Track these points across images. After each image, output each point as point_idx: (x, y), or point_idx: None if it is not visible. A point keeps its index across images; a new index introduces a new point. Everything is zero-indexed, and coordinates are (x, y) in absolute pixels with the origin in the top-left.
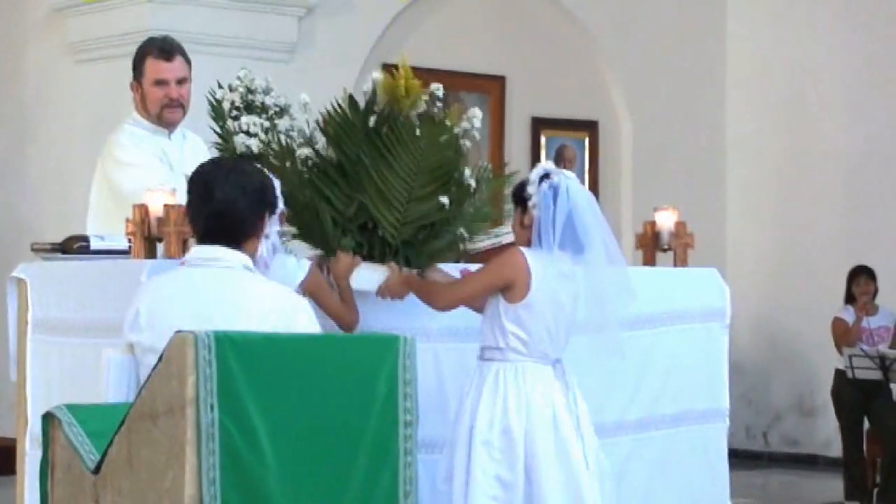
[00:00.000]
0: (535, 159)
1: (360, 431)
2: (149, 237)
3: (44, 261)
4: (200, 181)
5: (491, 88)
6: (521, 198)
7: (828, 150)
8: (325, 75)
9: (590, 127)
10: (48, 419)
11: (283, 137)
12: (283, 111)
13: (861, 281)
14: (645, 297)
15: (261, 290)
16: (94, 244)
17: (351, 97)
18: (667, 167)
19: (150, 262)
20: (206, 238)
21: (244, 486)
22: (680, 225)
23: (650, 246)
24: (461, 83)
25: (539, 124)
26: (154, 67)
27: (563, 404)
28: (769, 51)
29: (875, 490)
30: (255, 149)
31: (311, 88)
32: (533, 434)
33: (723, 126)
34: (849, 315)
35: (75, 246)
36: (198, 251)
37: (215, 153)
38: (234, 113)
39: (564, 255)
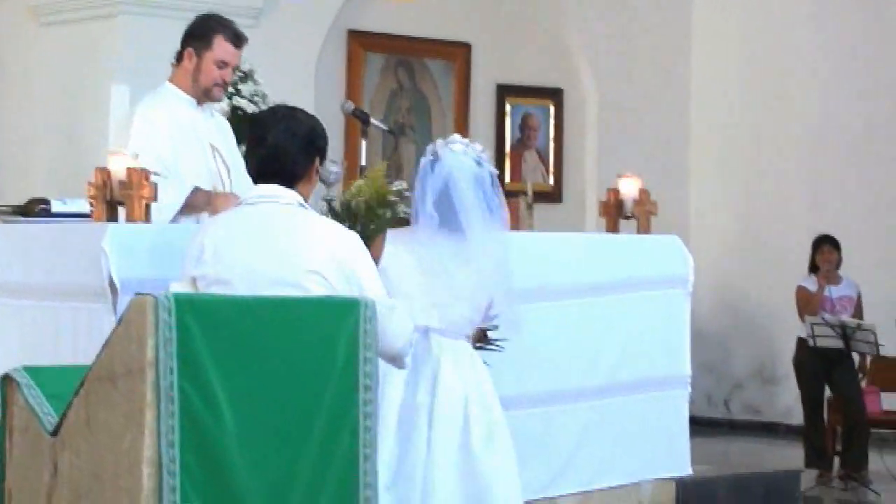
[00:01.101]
0: (500, 127)
1: (320, 395)
2: (110, 201)
3: (4, 224)
4: (256, 126)
5: (456, 55)
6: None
7: (792, 121)
8: (290, 41)
9: (555, 95)
10: (6, 381)
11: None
12: (247, 77)
13: (824, 250)
14: (606, 263)
15: (319, 223)
16: (56, 207)
17: None
18: (632, 135)
19: (111, 225)
20: (260, 179)
21: (203, 449)
22: (643, 192)
23: (613, 213)
24: (426, 50)
25: (504, 92)
26: (224, 48)
27: (399, 377)
28: (736, 21)
29: (835, 458)
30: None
31: (277, 54)
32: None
33: (688, 95)
34: (812, 284)
35: (36, 209)
36: (255, 190)
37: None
38: None
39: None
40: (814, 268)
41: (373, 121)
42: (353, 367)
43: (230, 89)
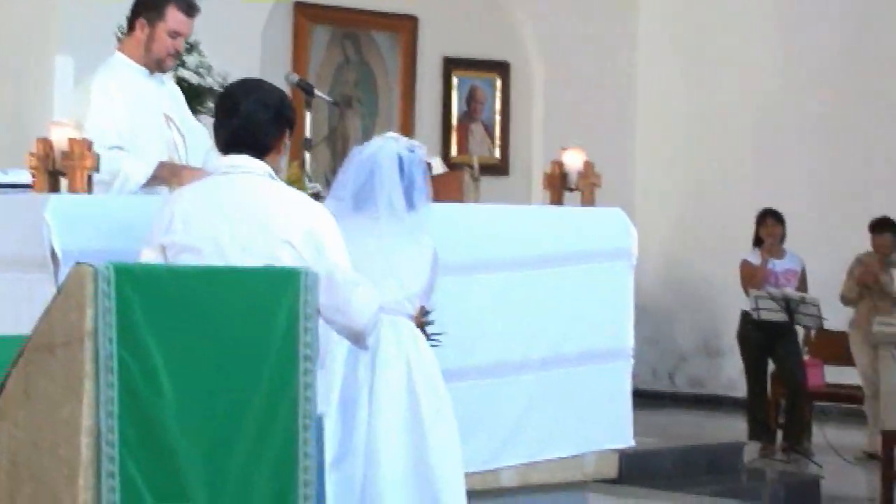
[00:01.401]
0: (447, 100)
1: (260, 366)
2: (53, 171)
3: None
4: (226, 97)
5: (402, 28)
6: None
7: (737, 95)
8: (236, 12)
9: (501, 68)
10: None
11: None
12: (192, 48)
13: (768, 224)
14: (550, 236)
15: (290, 195)
16: None
17: None
18: (578, 109)
19: (53, 196)
20: (230, 149)
21: (142, 419)
22: (587, 165)
23: (557, 185)
24: (373, 22)
25: (450, 65)
26: (177, 18)
27: (340, 358)
28: None
29: (778, 430)
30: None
31: (222, 26)
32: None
33: (634, 69)
34: (756, 258)
35: None
36: (226, 160)
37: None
38: None
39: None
40: (758, 241)
41: (317, 92)
42: (293, 337)
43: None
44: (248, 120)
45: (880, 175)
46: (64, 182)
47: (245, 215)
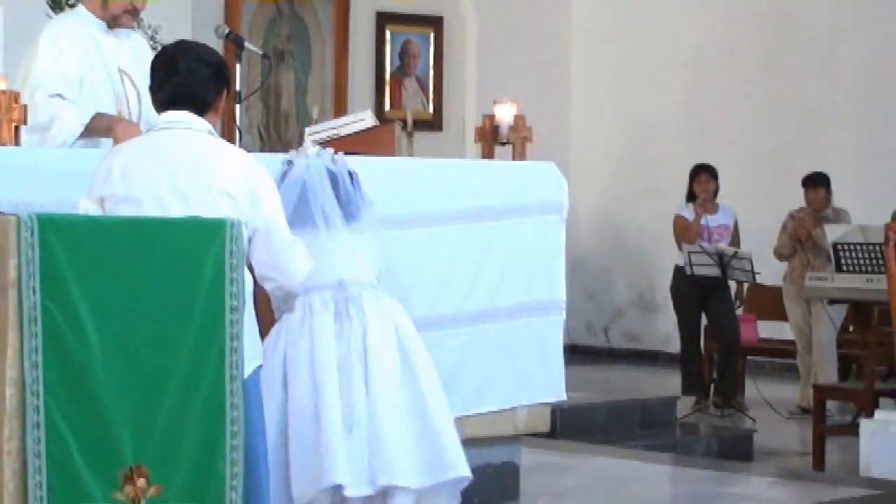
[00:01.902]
0: (380, 55)
1: (186, 316)
2: None
3: None
4: (166, 56)
5: None
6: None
7: (671, 49)
8: None
9: (435, 23)
10: None
11: None
12: None
13: (702, 179)
14: (481, 190)
15: (230, 149)
16: None
17: None
18: (512, 63)
19: None
20: (170, 105)
21: (67, 369)
22: (519, 118)
23: (489, 139)
24: None
25: (384, 20)
26: None
27: (328, 330)
28: None
29: (711, 385)
30: None
31: None
32: (293, 361)
33: (569, 22)
34: (689, 213)
35: None
36: (165, 116)
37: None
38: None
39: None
40: (691, 196)
41: (247, 45)
42: (219, 288)
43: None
44: (188, 76)
45: (814, 130)
46: None
47: (184, 168)
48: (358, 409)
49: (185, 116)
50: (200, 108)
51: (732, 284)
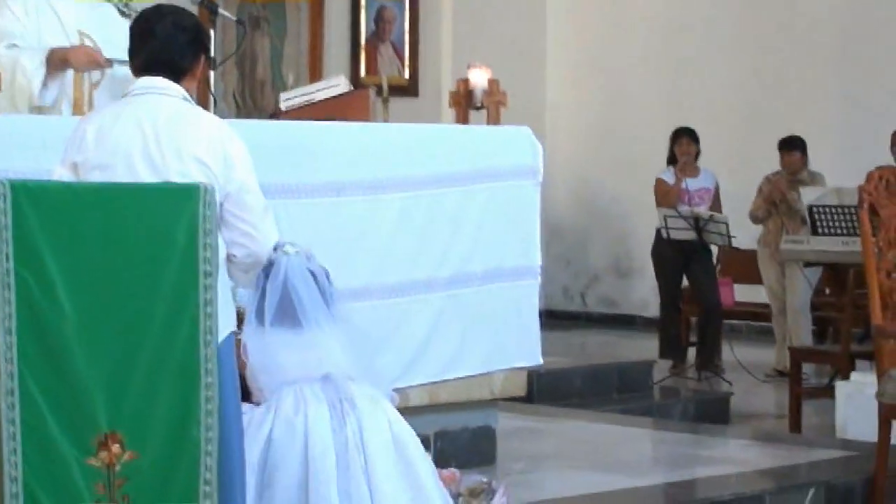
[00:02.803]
0: (356, 20)
1: (159, 281)
2: None
3: None
4: (142, 21)
5: None
6: None
7: (646, 14)
8: None
9: None
10: None
11: None
12: None
13: (682, 142)
14: (456, 154)
15: (206, 116)
16: None
17: None
18: (487, 28)
19: None
20: (146, 71)
21: (41, 336)
22: (493, 83)
23: (463, 104)
24: None
25: None
26: None
27: (324, 422)
28: None
29: (690, 348)
30: None
31: None
32: (282, 453)
33: None
34: (670, 176)
35: None
36: (141, 81)
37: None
38: None
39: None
40: (672, 160)
41: (221, 11)
42: (192, 253)
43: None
44: (165, 41)
45: (790, 94)
46: None
47: (158, 133)
48: (358, 499)
49: (160, 82)
50: (177, 74)
51: (714, 249)
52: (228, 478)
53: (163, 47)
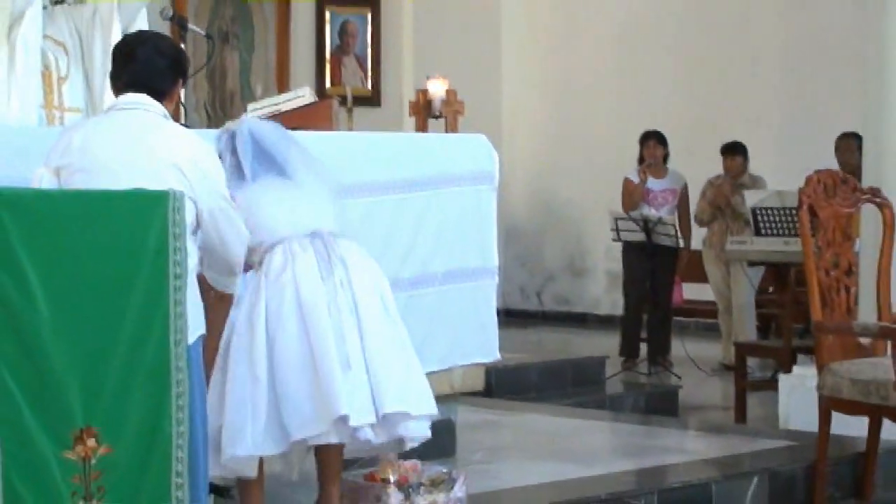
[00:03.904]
0: (321, 34)
1: (132, 283)
2: None
3: None
4: (123, 46)
5: None
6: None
7: (598, 25)
8: None
9: (372, 3)
10: None
11: None
12: None
13: (650, 144)
14: (416, 161)
15: (182, 130)
16: None
17: None
18: (446, 40)
19: None
20: (128, 90)
21: (18, 336)
22: (450, 93)
23: (422, 113)
24: None
25: (324, 2)
26: None
27: (313, 273)
28: None
29: (641, 344)
30: None
31: None
32: (277, 312)
33: (499, 2)
34: (636, 176)
35: None
36: (125, 97)
37: None
38: None
39: (267, 177)
40: (642, 161)
41: (190, 26)
42: (163, 256)
43: None
44: (145, 65)
45: (731, 101)
46: None
47: (138, 144)
48: (353, 347)
49: (144, 99)
50: (156, 96)
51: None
52: (193, 471)
53: (143, 71)
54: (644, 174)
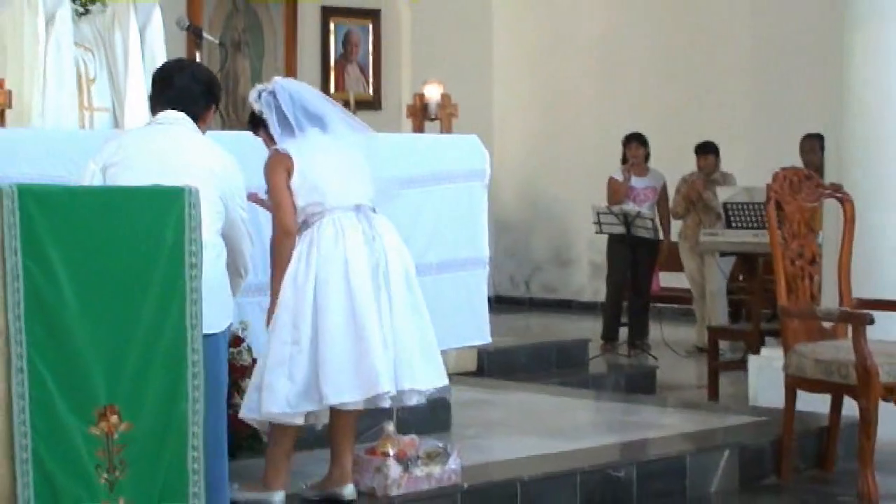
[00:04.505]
0: (325, 44)
1: (150, 272)
2: None
3: None
4: (163, 72)
5: None
6: (257, 120)
7: (579, 37)
8: None
9: (373, 15)
10: None
11: None
12: None
13: (632, 146)
14: (414, 159)
15: (208, 143)
16: None
17: None
18: (441, 48)
19: None
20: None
21: (46, 320)
22: (445, 97)
23: (419, 116)
24: None
25: (328, 13)
26: None
27: (361, 249)
28: None
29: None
30: None
31: None
32: (324, 280)
33: (489, 12)
34: (620, 175)
35: None
36: (166, 113)
37: None
38: None
39: (312, 131)
40: (625, 161)
41: (205, 35)
42: (180, 248)
43: (81, 9)
44: (181, 91)
45: (706, 103)
46: None
47: (173, 151)
48: (386, 324)
49: (182, 116)
50: (191, 118)
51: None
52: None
53: (179, 96)
54: (628, 173)
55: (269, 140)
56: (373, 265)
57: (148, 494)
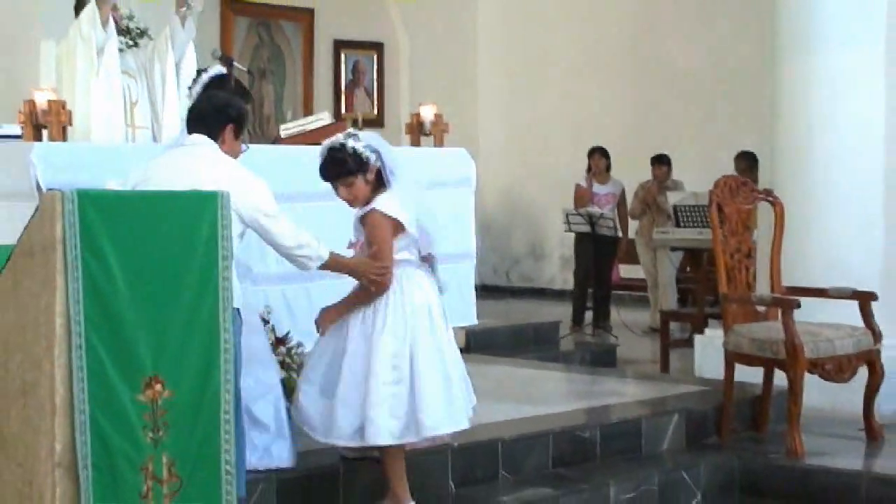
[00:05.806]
0: (337, 71)
1: (189, 263)
2: (37, 125)
3: None
4: (193, 100)
5: (303, 18)
6: (359, 163)
7: (552, 64)
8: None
9: (378, 47)
10: None
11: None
12: (143, 33)
13: (595, 157)
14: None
15: (226, 160)
16: None
17: None
18: (434, 74)
19: (37, 143)
20: (189, 130)
21: (101, 305)
22: (438, 116)
23: (416, 132)
24: (280, 14)
25: (339, 45)
26: None
27: (434, 296)
28: None
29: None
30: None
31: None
32: (415, 325)
33: (475, 45)
34: (584, 183)
35: None
36: (191, 137)
37: None
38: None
39: (401, 185)
40: (590, 170)
41: (235, 64)
42: (214, 242)
43: (130, 42)
44: (198, 115)
45: (656, 121)
46: (45, 133)
47: (187, 170)
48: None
49: (200, 139)
50: (209, 135)
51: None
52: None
53: (196, 118)
54: (591, 181)
55: (364, 183)
56: (436, 311)
57: (186, 450)
